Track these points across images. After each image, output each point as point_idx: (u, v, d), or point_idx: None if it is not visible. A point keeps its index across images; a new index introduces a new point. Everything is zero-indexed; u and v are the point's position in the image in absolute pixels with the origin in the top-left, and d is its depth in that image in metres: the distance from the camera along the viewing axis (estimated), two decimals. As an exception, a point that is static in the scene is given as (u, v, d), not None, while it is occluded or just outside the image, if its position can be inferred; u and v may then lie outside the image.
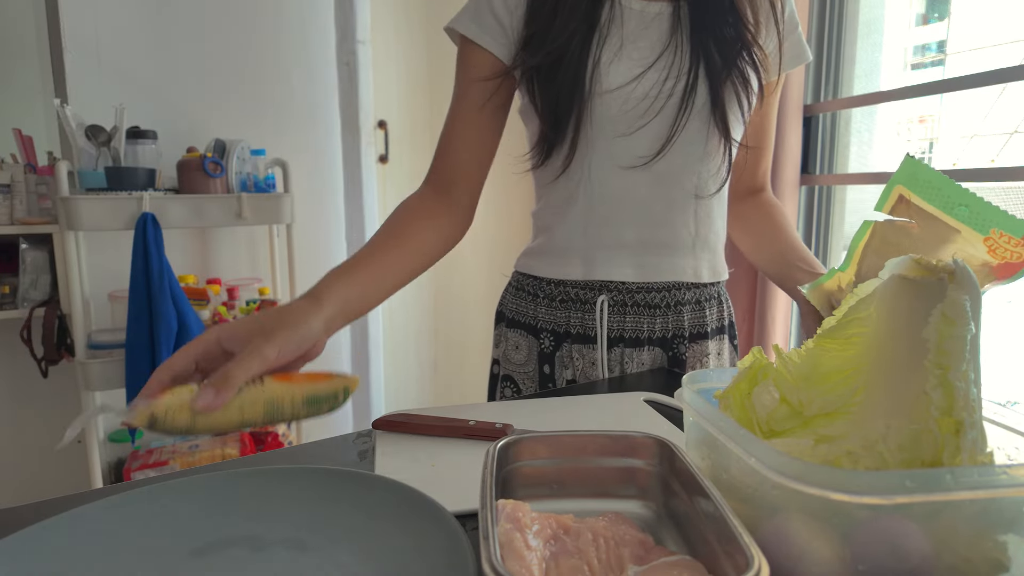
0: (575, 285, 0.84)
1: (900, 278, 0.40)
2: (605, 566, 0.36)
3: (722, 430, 0.39)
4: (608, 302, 0.83)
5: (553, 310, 0.85)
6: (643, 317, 0.84)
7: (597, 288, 0.83)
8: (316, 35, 1.98)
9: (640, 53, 0.77)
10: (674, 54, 0.77)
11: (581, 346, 0.84)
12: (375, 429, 0.63)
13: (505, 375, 0.90)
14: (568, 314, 0.84)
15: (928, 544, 0.33)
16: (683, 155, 0.79)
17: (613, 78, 0.76)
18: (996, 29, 1.48)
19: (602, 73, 0.76)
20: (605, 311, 0.83)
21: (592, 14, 0.76)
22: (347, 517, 0.43)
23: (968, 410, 0.36)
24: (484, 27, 0.78)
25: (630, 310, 0.83)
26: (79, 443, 1.77)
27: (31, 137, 1.67)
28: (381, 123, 2.19)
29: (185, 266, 1.83)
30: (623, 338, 0.84)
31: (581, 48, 0.75)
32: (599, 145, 0.79)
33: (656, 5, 0.78)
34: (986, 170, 1.42)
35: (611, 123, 0.77)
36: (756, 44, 0.79)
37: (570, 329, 0.84)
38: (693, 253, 0.83)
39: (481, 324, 2.50)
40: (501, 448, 0.43)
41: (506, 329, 0.91)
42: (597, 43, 0.76)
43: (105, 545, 0.41)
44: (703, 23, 0.77)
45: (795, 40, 0.85)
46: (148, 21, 1.73)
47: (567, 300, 0.84)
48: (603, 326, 0.83)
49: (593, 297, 0.83)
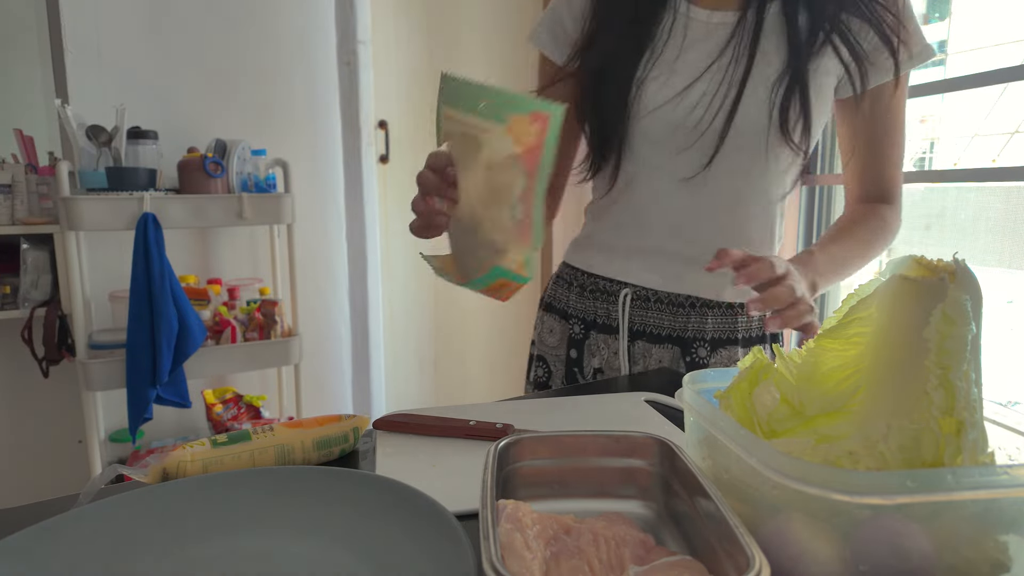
0: (603, 278, 0.88)
1: (901, 278, 0.40)
2: (606, 566, 0.36)
3: (723, 430, 0.39)
4: (632, 296, 0.86)
5: (583, 299, 0.90)
6: (665, 315, 0.85)
7: (623, 283, 0.87)
8: (316, 35, 1.98)
9: (688, 67, 0.76)
10: (725, 67, 0.75)
11: (606, 336, 0.88)
12: (375, 429, 0.63)
13: (539, 355, 0.96)
14: (595, 304, 0.89)
15: (929, 544, 0.33)
16: (724, 171, 0.79)
17: (654, 97, 0.77)
18: (997, 29, 1.48)
19: (645, 92, 0.77)
20: (627, 304, 0.86)
21: (650, 27, 0.77)
22: (347, 517, 0.43)
23: (969, 410, 0.36)
24: (556, 40, 0.85)
25: (653, 306, 0.85)
26: (79, 443, 1.77)
27: (32, 137, 1.67)
28: (381, 123, 2.19)
29: (186, 266, 1.83)
30: (644, 332, 0.86)
31: (628, 63, 0.77)
32: (642, 156, 0.81)
33: (719, 14, 0.77)
34: (987, 170, 1.42)
35: (654, 140, 0.79)
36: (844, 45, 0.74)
37: (596, 319, 0.88)
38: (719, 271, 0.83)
39: (482, 324, 2.50)
40: (502, 448, 0.43)
41: (543, 313, 0.96)
42: (648, 60, 0.77)
43: (105, 545, 0.41)
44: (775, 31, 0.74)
45: (911, 35, 0.75)
46: (149, 21, 1.73)
47: (596, 291, 0.89)
48: (624, 318, 0.86)
49: (618, 290, 0.86)
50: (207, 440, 0.52)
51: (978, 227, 1.52)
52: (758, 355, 0.46)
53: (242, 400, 1.77)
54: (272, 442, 0.53)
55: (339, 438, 0.56)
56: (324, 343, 2.10)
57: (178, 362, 1.52)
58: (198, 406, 1.70)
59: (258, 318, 1.73)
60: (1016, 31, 1.41)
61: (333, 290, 2.11)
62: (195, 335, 1.54)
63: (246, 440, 0.52)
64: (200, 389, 1.74)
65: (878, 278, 0.42)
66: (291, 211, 1.76)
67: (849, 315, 0.42)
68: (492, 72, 2.27)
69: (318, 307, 2.07)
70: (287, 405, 2.01)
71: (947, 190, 1.61)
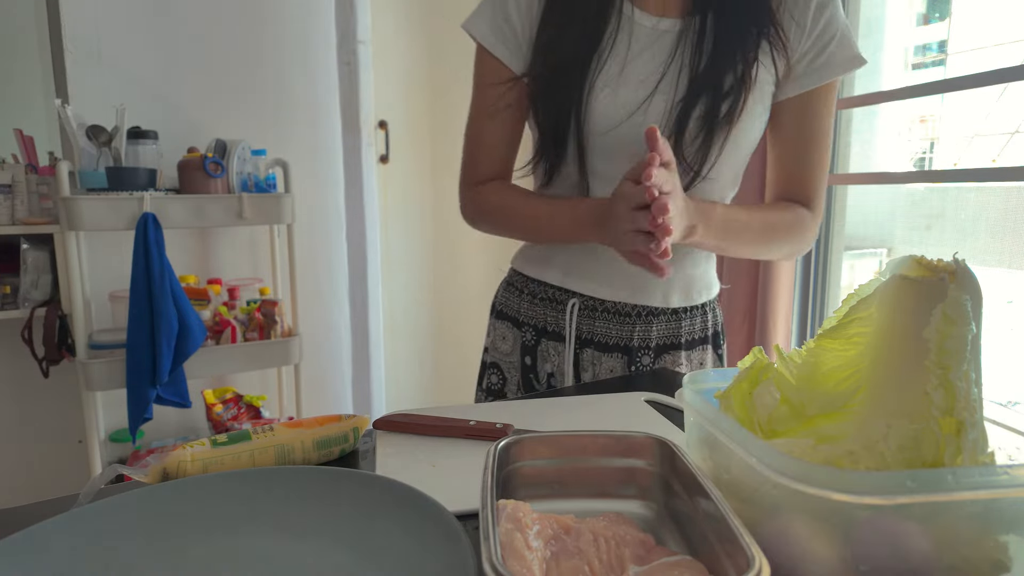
0: (552, 287, 0.88)
1: (901, 278, 0.40)
2: (606, 566, 0.36)
3: (723, 430, 0.39)
4: (579, 306, 0.85)
5: (534, 306, 0.89)
6: (611, 324, 0.85)
7: (571, 293, 0.86)
8: (316, 35, 1.98)
9: (638, 79, 0.75)
10: (673, 79, 0.75)
11: (556, 343, 0.88)
12: (375, 429, 0.63)
13: (492, 362, 0.95)
14: (545, 311, 0.88)
15: (929, 544, 0.33)
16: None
17: (606, 110, 0.75)
18: (997, 29, 1.48)
19: (596, 103, 0.75)
20: (575, 313, 0.85)
21: (599, 30, 0.75)
22: (347, 517, 0.43)
23: (969, 410, 0.36)
24: (497, 33, 0.80)
25: (600, 315, 0.85)
26: (79, 443, 1.77)
27: (32, 137, 1.67)
28: (381, 123, 2.19)
29: (186, 266, 1.83)
30: (593, 341, 0.86)
31: (578, 70, 0.75)
32: (593, 166, 0.79)
33: (666, 21, 0.76)
34: (987, 170, 1.42)
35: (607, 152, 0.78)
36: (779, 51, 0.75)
37: (547, 326, 0.88)
38: (664, 280, 0.80)
39: (481, 324, 2.50)
40: (502, 448, 0.43)
41: (495, 320, 0.95)
42: (595, 68, 0.75)
43: (105, 545, 0.41)
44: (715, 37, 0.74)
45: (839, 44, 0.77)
46: (149, 21, 1.73)
47: (545, 299, 0.88)
48: (572, 327, 0.86)
49: (566, 299, 0.86)
50: (207, 440, 0.52)
51: (978, 227, 1.52)
52: (758, 355, 0.46)
53: (242, 400, 1.77)
54: (272, 442, 0.53)
55: (339, 438, 0.56)
56: (324, 343, 2.10)
57: (178, 362, 1.52)
58: (198, 406, 1.70)
59: (258, 318, 1.73)
60: (1016, 31, 1.41)
61: (333, 290, 2.11)
62: (195, 335, 1.54)
63: (246, 440, 0.52)
64: (200, 389, 1.74)
65: (878, 278, 0.42)
66: (291, 211, 1.76)
67: (849, 315, 0.42)
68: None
69: (318, 307, 2.07)
70: (287, 405, 2.01)
71: (947, 190, 1.61)
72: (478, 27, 0.81)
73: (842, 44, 0.77)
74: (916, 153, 1.77)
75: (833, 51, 0.77)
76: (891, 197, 1.74)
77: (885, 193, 1.74)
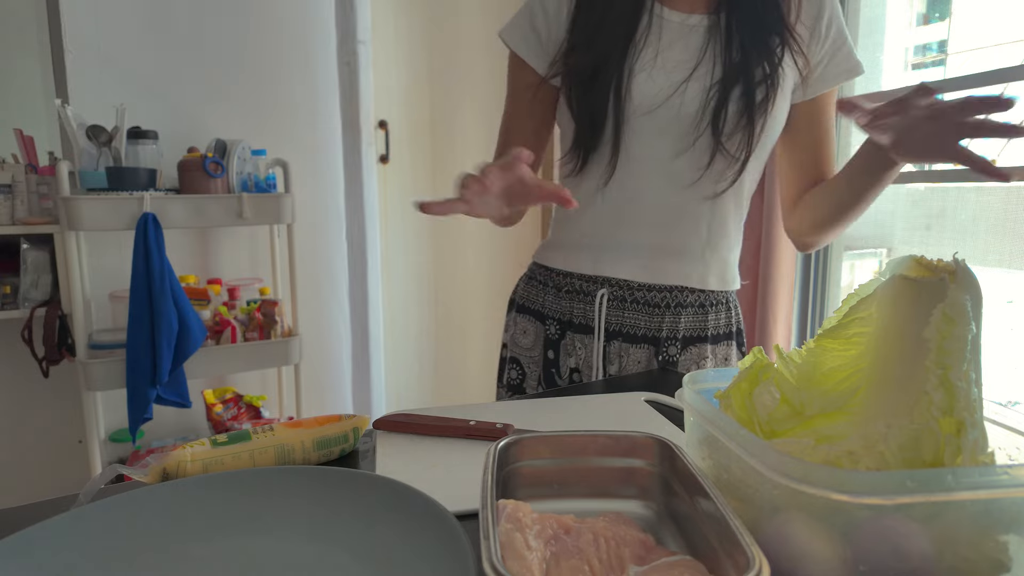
0: (581, 278, 0.88)
1: (901, 278, 0.40)
2: (606, 566, 0.36)
3: (723, 430, 0.39)
4: (608, 296, 0.86)
5: (560, 299, 0.90)
6: (641, 314, 0.86)
7: (600, 282, 0.87)
8: (316, 35, 1.98)
9: (673, 65, 0.79)
10: (708, 66, 0.78)
11: (583, 336, 0.88)
12: (376, 429, 0.63)
13: (512, 357, 0.95)
14: (572, 304, 0.89)
15: (929, 544, 0.33)
16: (717, 168, 0.81)
17: (645, 93, 0.78)
18: (997, 29, 1.48)
19: (636, 88, 0.78)
20: (604, 304, 0.86)
21: (631, 27, 0.79)
22: (347, 517, 0.43)
23: (969, 410, 0.36)
24: (526, 40, 0.85)
25: (629, 306, 0.86)
26: (79, 443, 1.77)
27: (32, 137, 1.67)
28: (381, 123, 2.19)
29: (186, 266, 1.83)
30: (621, 333, 0.86)
31: (617, 60, 0.79)
32: (632, 152, 0.82)
33: (695, 17, 0.80)
34: (987, 170, 1.41)
35: (646, 136, 0.80)
36: (799, 55, 0.80)
37: (573, 319, 0.88)
38: (703, 259, 0.85)
39: (482, 324, 2.50)
40: (502, 448, 0.43)
41: (516, 315, 0.95)
42: (632, 55, 0.79)
43: (105, 545, 0.41)
44: (741, 34, 0.78)
45: (845, 53, 0.83)
46: (149, 21, 1.73)
47: (572, 291, 0.89)
48: (601, 318, 0.86)
49: (595, 290, 0.86)
50: (207, 440, 0.52)
51: (978, 227, 1.52)
52: (758, 355, 0.46)
53: (242, 400, 1.77)
54: (272, 442, 0.53)
55: (339, 438, 0.56)
56: (324, 343, 2.10)
57: (178, 362, 1.52)
58: (198, 406, 1.70)
59: (258, 318, 1.73)
60: (1016, 31, 1.41)
61: (333, 290, 2.11)
62: (195, 335, 1.54)
63: (246, 440, 0.52)
64: (200, 389, 1.74)
65: (878, 278, 0.42)
66: (291, 211, 1.76)
67: (849, 315, 0.42)
68: (492, 72, 2.26)
69: (318, 307, 2.07)
70: (287, 405, 2.01)
71: (947, 190, 1.61)
72: (509, 33, 0.87)
73: (849, 53, 0.83)
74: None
75: (842, 58, 0.82)
76: (891, 197, 1.74)
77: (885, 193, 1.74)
